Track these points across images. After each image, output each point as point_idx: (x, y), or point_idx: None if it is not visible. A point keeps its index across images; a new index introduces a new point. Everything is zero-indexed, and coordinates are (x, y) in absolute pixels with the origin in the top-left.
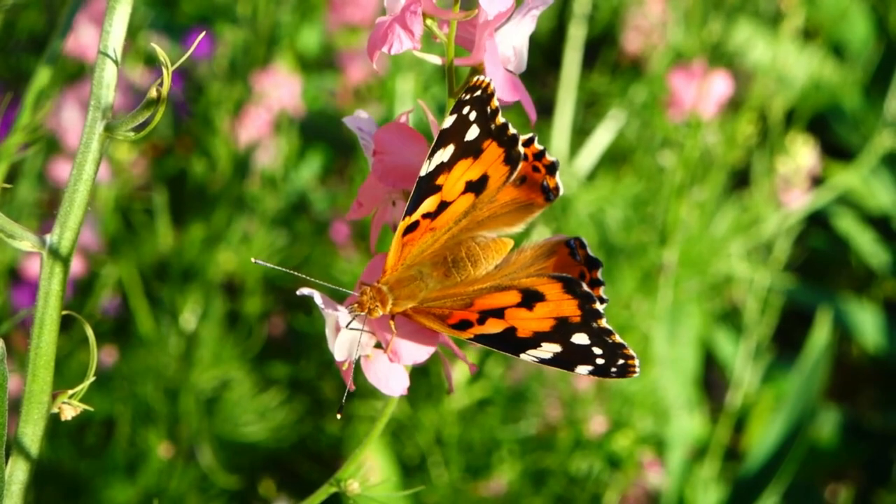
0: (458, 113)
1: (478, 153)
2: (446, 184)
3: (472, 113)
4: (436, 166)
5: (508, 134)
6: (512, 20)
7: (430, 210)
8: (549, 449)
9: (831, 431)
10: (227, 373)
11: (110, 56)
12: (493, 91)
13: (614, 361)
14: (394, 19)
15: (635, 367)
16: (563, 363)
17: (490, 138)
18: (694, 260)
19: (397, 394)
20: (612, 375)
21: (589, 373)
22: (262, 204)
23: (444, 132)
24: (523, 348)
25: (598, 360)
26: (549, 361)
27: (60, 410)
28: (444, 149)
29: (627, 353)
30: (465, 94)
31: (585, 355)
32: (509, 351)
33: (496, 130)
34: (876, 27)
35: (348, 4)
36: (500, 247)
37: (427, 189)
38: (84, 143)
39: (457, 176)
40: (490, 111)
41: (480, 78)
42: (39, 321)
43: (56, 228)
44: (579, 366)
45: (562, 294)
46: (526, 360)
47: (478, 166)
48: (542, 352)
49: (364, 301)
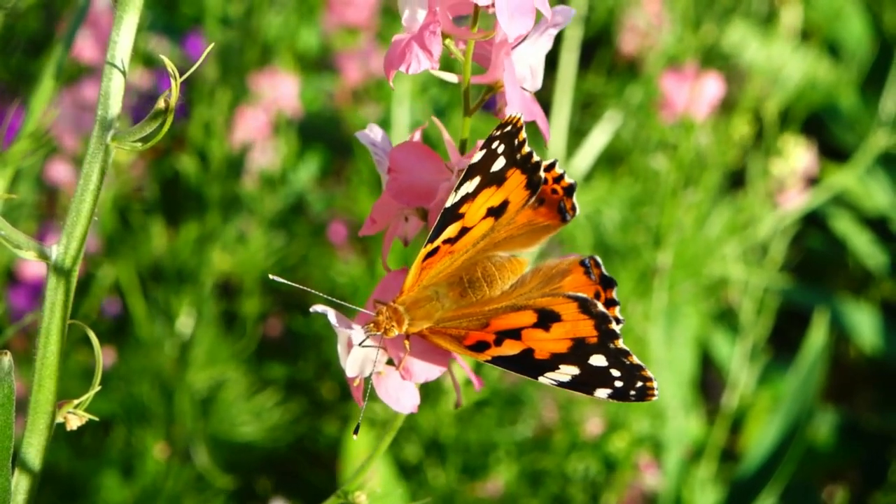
0: (487, 148)
1: (501, 181)
2: (469, 211)
3: (500, 146)
4: (461, 197)
5: (532, 162)
6: (528, 39)
7: (451, 236)
8: (545, 450)
9: (828, 432)
10: (224, 373)
11: (118, 66)
12: (522, 125)
13: (633, 384)
14: (412, 38)
15: (654, 390)
16: (582, 386)
17: (514, 167)
18: (689, 261)
19: (408, 411)
20: (632, 398)
21: (608, 396)
22: (260, 205)
23: (472, 166)
24: (541, 371)
25: (616, 383)
26: (568, 385)
27: (66, 420)
28: (470, 181)
29: (646, 376)
30: (497, 131)
31: (604, 378)
32: (528, 374)
33: (521, 159)
34: (871, 26)
35: (346, 5)
36: (515, 266)
37: (451, 218)
38: (91, 153)
39: (480, 203)
40: (518, 143)
41: (512, 115)
42: (46, 331)
43: (62, 239)
44: (598, 389)
45: (577, 314)
46: (545, 383)
47: (500, 193)
48: (561, 374)
49: (381, 321)
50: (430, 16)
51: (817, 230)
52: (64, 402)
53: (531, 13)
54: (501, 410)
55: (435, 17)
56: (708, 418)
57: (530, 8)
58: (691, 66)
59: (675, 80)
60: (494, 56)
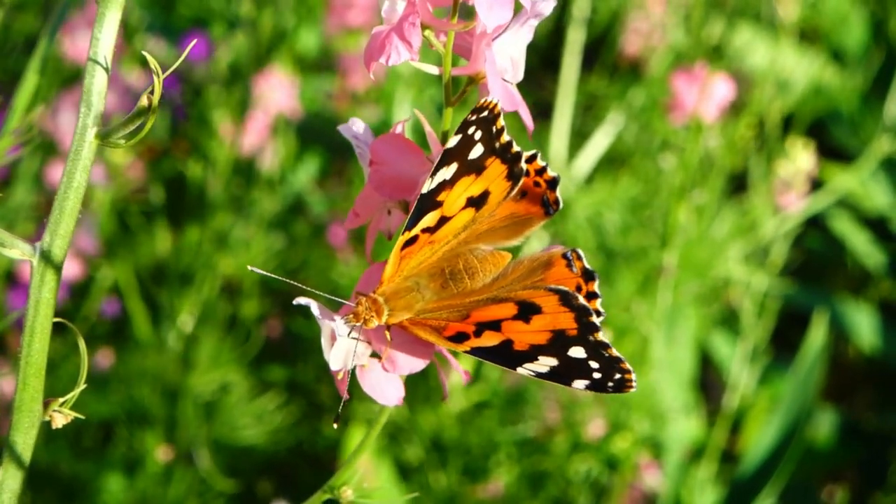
0: (463, 133)
1: (480, 170)
2: (447, 200)
3: (477, 132)
4: (438, 183)
5: (512, 151)
6: (509, 29)
7: (430, 225)
8: (547, 452)
9: (828, 432)
10: (225, 376)
11: (100, 63)
12: (499, 112)
13: (611, 375)
14: (391, 29)
15: (632, 382)
16: (560, 377)
17: (494, 156)
18: (693, 263)
19: (392, 403)
20: (609, 390)
21: (586, 387)
22: (260, 206)
23: (447, 151)
24: (520, 362)
25: (594, 375)
26: (545, 375)
27: (52, 418)
28: (447, 167)
29: (624, 368)
30: (472, 115)
31: (582, 369)
32: (506, 364)
33: (500, 148)
34: (875, 33)
35: (348, 7)
36: (497, 259)
37: (428, 205)
38: (74, 150)
39: (458, 192)
40: (496, 130)
41: (488, 99)
42: (30, 329)
43: (46, 236)
44: (576, 380)
45: (558, 307)
46: (523, 373)
47: (480, 183)
48: (539, 365)
49: (360, 311)
50: (409, 7)
51: (817, 231)
52: (50, 399)
53: (509, 4)
54: (503, 411)
55: (414, 9)
56: (708, 419)
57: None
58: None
59: (685, 81)
60: (475, 47)
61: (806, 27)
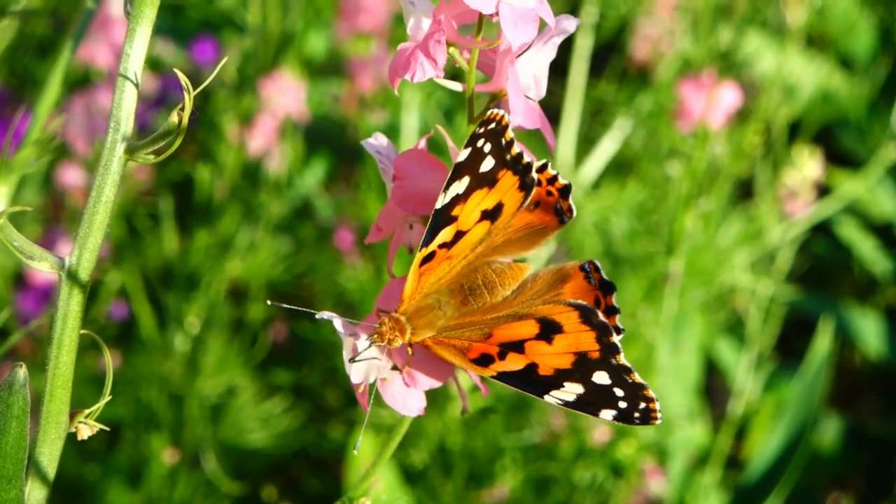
0: (472, 146)
1: (493, 183)
2: (462, 214)
3: (486, 145)
4: (451, 198)
5: (523, 162)
6: (532, 47)
7: (447, 240)
8: (552, 457)
9: (833, 439)
10: (232, 379)
11: (130, 79)
12: (507, 123)
13: (636, 405)
14: (416, 46)
15: (657, 412)
16: (588, 406)
17: (505, 168)
18: (699, 270)
19: (415, 414)
20: (636, 421)
21: (613, 418)
22: (267, 210)
23: (458, 165)
24: (547, 388)
25: (620, 404)
26: (573, 405)
27: (77, 430)
28: (459, 181)
29: (648, 396)
30: (480, 128)
31: (608, 398)
32: (534, 392)
33: (511, 160)
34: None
35: (358, 11)
36: (515, 272)
37: (443, 220)
38: (104, 165)
39: (472, 206)
40: (505, 142)
41: (494, 111)
42: (58, 342)
43: (75, 250)
44: (603, 409)
45: (579, 324)
46: (551, 402)
47: (493, 195)
48: (566, 393)
49: (384, 332)
50: (434, 25)
51: (823, 236)
52: (76, 411)
53: (535, 22)
54: (508, 417)
55: (440, 26)
56: (713, 425)
57: (534, 17)
58: (709, 75)
59: (693, 88)
60: (498, 65)
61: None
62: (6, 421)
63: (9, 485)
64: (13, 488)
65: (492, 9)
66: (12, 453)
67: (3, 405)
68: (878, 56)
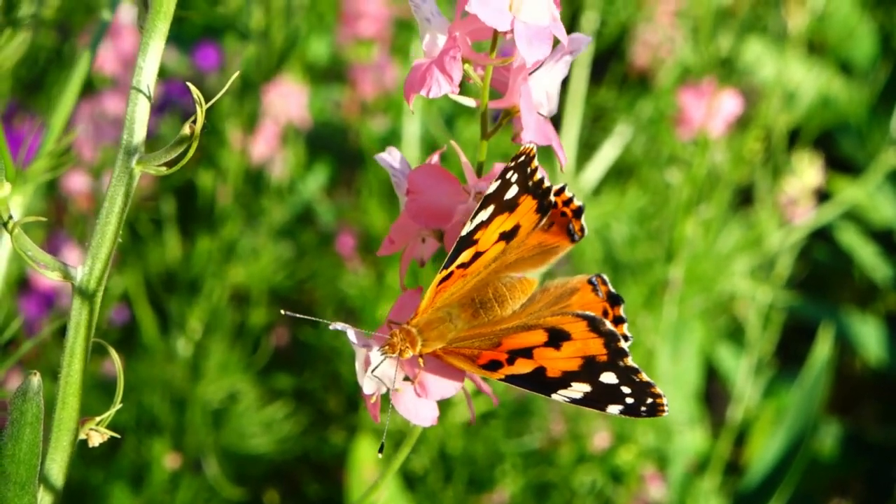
0: (502, 178)
1: (514, 207)
2: (483, 238)
3: (514, 176)
4: (476, 225)
5: (543, 187)
6: (545, 65)
7: (465, 261)
8: (552, 463)
9: (833, 445)
10: (233, 384)
11: (143, 92)
12: (534, 154)
13: (643, 401)
14: (432, 62)
15: (664, 406)
16: (594, 403)
17: (527, 193)
18: (699, 276)
19: (428, 423)
20: (643, 415)
21: (620, 412)
22: (269, 215)
23: (487, 196)
24: (554, 388)
25: (627, 400)
26: (580, 401)
27: (88, 437)
28: (485, 210)
29: (655, 392)
30: (512, 162)
31: (615, 395)
32: (541, 391)
33: (533, 186)
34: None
35: (359, 17)
36: (525, 286)
37: (466, 246)
38: (116, 177)
39: (493, 230)
40: (530, 171)
41: (528, 147)
42: (70, 351)
43: (87, 260)
44: (610, 405)
45: (587, 333)
46: (558, 400)
47: (512, 219)
48: (573, 392)
49: (395, 343)
50: (450, 41)
51: (823, 242)
52: (86, 418)
53: (549, 40)
54: (508, 422)
55: (455, 43)
56: (713, 431)
57: (548, 35)
58: (709, 82)
59: (693, 96)
60: (512, 81)
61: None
62: (20, 428)
63: (22, 490)
64: (27, 494)
65: (507, 26)
66: (26, 459)
67: (17, 412)
68: (878, 62)
